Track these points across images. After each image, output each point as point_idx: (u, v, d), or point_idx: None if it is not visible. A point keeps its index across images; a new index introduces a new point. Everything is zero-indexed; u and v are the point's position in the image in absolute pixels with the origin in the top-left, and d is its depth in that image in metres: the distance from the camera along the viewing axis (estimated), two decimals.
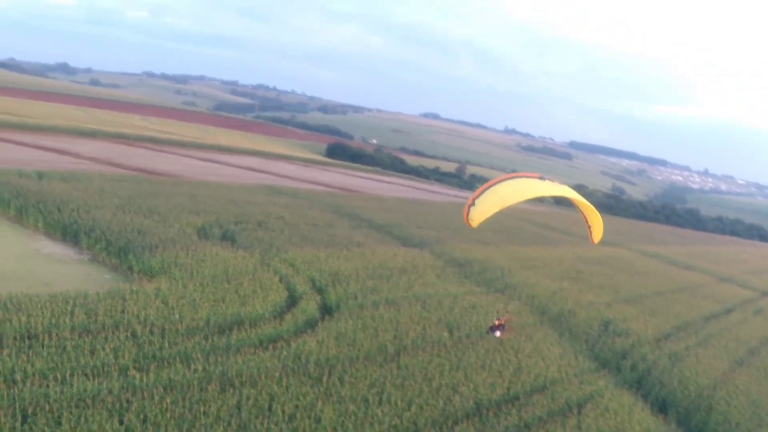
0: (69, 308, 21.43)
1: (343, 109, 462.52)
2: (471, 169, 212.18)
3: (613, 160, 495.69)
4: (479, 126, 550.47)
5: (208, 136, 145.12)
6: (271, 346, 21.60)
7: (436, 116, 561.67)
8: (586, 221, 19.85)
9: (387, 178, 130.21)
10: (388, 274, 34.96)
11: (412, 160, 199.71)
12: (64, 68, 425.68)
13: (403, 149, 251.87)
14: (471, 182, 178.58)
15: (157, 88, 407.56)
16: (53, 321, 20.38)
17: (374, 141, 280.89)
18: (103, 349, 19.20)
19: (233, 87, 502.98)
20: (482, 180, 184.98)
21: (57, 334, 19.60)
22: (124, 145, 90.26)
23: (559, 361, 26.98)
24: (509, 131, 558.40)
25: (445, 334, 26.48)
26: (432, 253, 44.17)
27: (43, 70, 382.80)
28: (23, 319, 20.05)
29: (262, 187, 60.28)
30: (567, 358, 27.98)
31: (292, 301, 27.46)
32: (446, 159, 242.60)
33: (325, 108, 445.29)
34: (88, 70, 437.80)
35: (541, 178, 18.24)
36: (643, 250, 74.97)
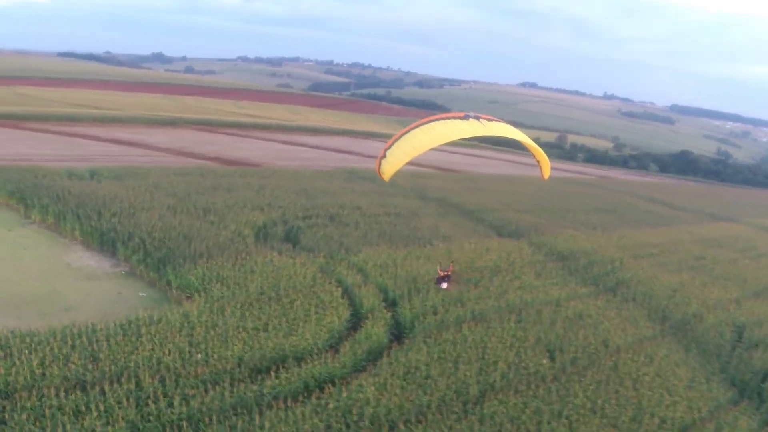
0: (66, 351, 17.59)
1: (439, 83, 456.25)
2: (572, 138, 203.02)
3: (717, 122, 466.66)
4: (578, 93, 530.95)
5: (298, 117, 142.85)
6: (315, 395, 17.04)
7: (533, 85, 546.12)
8: (535, 158, 19.27)
9: (482, 152, 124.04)
10: (478, 276, 29.81)
11: None
12: (159, 58, 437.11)
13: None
14: (572, 152, 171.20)
15: (252, 72, 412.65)
16: (41, 371, 16.55)
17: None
18: (93, 410, 15.14)
19: (328, 66, 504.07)
20: (584, 149, 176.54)
21: (39, 391, 15.71)
22: (206, 132, 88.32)
23: (688, 393, 21.11)
24: (608, 97, 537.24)
25: (545, 361, 21.16)
26: (530, 244, 38.64)
27: (138, 61, 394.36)
28: (2, 369, 16.28)
29: (342, 172, 55.98)
30: (698, 386, 22.04)
31: (356, 321, 22.88)
32: (546, 129, 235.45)
33: (422, 83, 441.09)
34: (183, 59, 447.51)
35: (465, 117, 17.14)
36: (761, 225, 66.19)
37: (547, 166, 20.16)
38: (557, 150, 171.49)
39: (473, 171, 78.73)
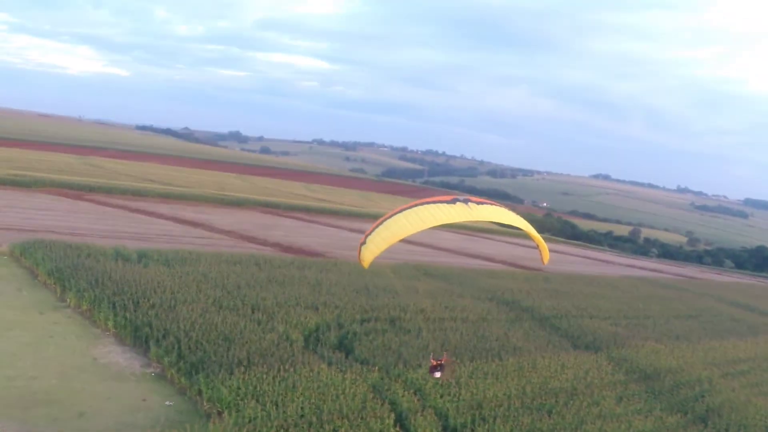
0: None
1: (512, 172, 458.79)
2: (645, 232, 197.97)
3: None
4: (650, 186, 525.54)
5: (370, 204, 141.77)
6: None
7: (606, 177, 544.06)
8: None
9: (557, 247, 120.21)
10: (552, 402, 26.30)
11: (583, 224, 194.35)
12: (236, 137, 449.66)
13: (574, 212, 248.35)
14: (646, 247, 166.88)
15: (326, 155, 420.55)
16: None
17: (545, 204, 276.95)
18: None
19: (402, 153, 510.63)
20: (657, 244, 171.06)
21: None
22: (272, 215, 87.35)
23: None
24: (682, 190, 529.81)
25: None
26: (610, 360, 34.87)
27: (215, 138, 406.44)
28: None
29: (408, 267, 53.16)
30: None
31: None
32: (618, 222, 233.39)
33: (495, 172, 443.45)
34: (260, 138, 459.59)
35: (452, 201, 16.83)
36: None
37: (545, 251, 19.85)
38: (631, 245, 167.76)
39: (548, 269, 74.99)
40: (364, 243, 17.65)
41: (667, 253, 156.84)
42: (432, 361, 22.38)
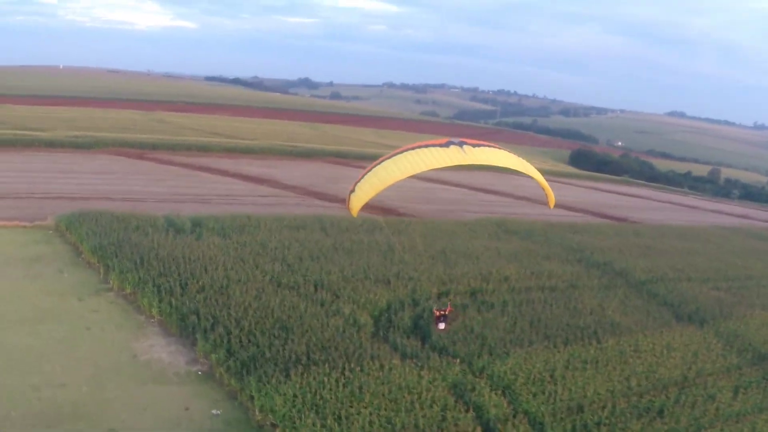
0: None
1: (585, 111, 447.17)
2: (724, 172, 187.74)
3: None
4: (726, 123, 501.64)
5: None
6: None
7: (681, 114, 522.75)
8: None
9: (639, 191, 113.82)
10: (662, 399, 22.32)
11: (660, 164, 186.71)
12: (306, 83, 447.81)
13: (650, 152, 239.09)
14: (727, 188, 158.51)
15: (397, 98, 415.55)
16: None
17: (619, 143, 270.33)
18: None
19: (474, 94, 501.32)
20: (738, 185, 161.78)
21: None
22: (341, 166, 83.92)
23: None
24: (759, 127, 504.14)
25: None
26: (718, 336, 30.25)
27: (285, 86, 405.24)
28: None
29: (487, 224, 49.12)
30: None
31: None
32: (696, 161, 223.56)
33: (568, 111, 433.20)
34: (330, 84, 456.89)
35: (446, 144, 16.10)
36: None
37: (550, 195, 19.47)
38: (711, 185, 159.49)
39: (635, 217, 69.80)
40: (353, 191, 17.07)
41: (750, 194, 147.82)
42: (435, 311, 21.39)
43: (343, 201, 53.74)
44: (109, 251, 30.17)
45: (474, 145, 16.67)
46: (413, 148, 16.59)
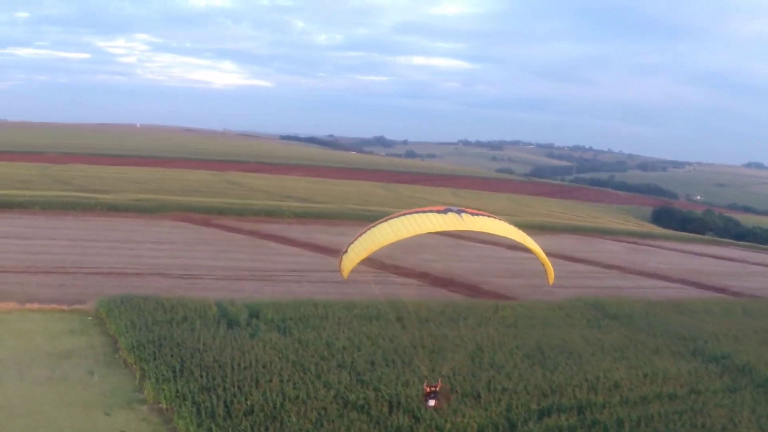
0: None
1: (662, 165, 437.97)
2: None
3: None
4: None
5: (520, 210, 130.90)
6: None
7: (759, 165, 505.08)
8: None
9: (728, 252, 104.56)
10: None
11: (744, 219, 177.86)
12: (381, 141, 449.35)
13: (732, 206, 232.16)
14: None
15: (472, 156, 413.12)
16: None
17: (699, 198, 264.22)
18: None
19: (549, 150, 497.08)
20: None
21: None
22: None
23: None
24: None
25: None
26: None
27: (360, 144, 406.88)
28: None
29: (582, 305, 43.31)
30: None
31: None
32: None
33: (644, 165, 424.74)
34: (405, 142, 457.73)
35: (445, 211, 16.43)
36: None
37: (550, 270, 19.05)
38: None
39: (735, 287, 62.43)
40: (345, 252, 17.12)
41: None
42: (426, 387, 20.64)
43: (422, 277, 49.33)
44: (147, 351, 25.78)
45: (472, 215, 16.72)
46: (410, 213, 16.69)
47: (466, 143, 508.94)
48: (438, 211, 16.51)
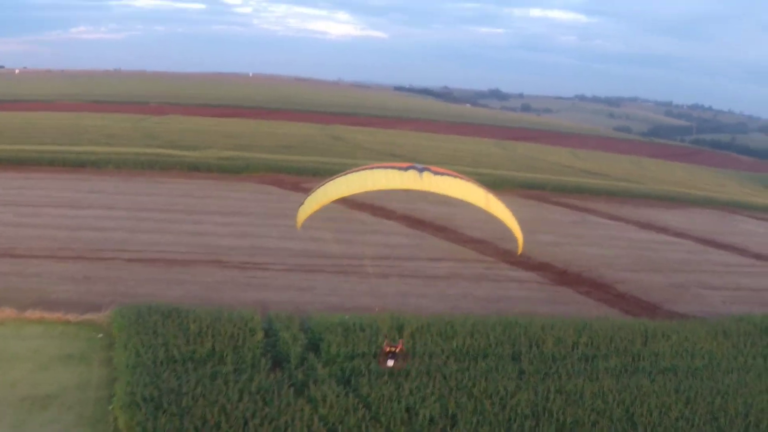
0: None
1: None
2: None
3: None
4: None
5: (643, 173, 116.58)
6: None
7: None
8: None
9: None
10: None
11: None
12: (496, 94, 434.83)
13: None
14: None
15: (589, 112, 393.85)
16: None
17: None
18: None
19: (667, 108, 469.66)
20: None
21: None
22: (537, 202, 68.32)
23: None
24: None
25: None
26: None
27: (475, 97, 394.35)
28: None
29: (753, 329, 31.47)
30: None
31: None
32: None
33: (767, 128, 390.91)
34: (520, 96, 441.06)
35: (406, 168, 14.91)
36: None
37: (520, 240, 17.46)
38: None
39: None
40: (302, 204, 16.68)
41: None
42: (386, 347, 18.80)
43: (543, 270, 39.48)
44: (147, 410, 17.24)
45: (436, 173, 14.98)
46: (370, 168, 15.31)
47: (582, 98, 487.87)
48: (399, 168, 15.13)
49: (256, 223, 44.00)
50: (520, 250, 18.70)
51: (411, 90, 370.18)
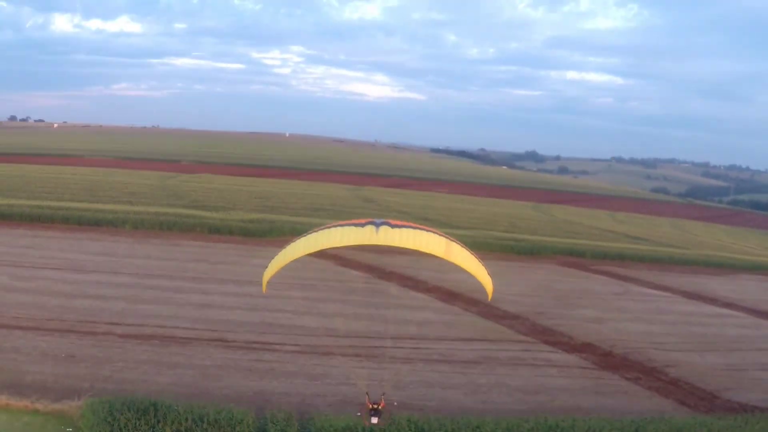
0: None
1: None
2: None
3: None
4: None
5: (686, 237, 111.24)
6: None
7: None
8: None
9: None
10: None
11: None
12: (533, 156, 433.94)
13: None
14: None
15: (626, 173, 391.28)
16: None
17: None
18: None
19: (704, 169, 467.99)
20: None
21: None
22: (576, 270, 64.00)
23: None
24: None
25: None
26: None
27: (512, 159, 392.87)
28: None
29: None
30: None
31: None
32: None
33: None
34: (557, 158, 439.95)
35: (362, 225, 15.04)
36: None
37: (488, 288, 16.95)
38: None
39: None
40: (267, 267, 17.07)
41: None
42: (368, 404, 18.19)
43: (585, 352, 35.32)
44: None
45: (395, 226, 14.92)
46: (329, 227, 15.54)
47: (619, 160, 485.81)
48: (356, 224, 15.05)
49: (271, 294, 40.14)
50: (489, 298, 18.02)
51: (448, 152, 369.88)
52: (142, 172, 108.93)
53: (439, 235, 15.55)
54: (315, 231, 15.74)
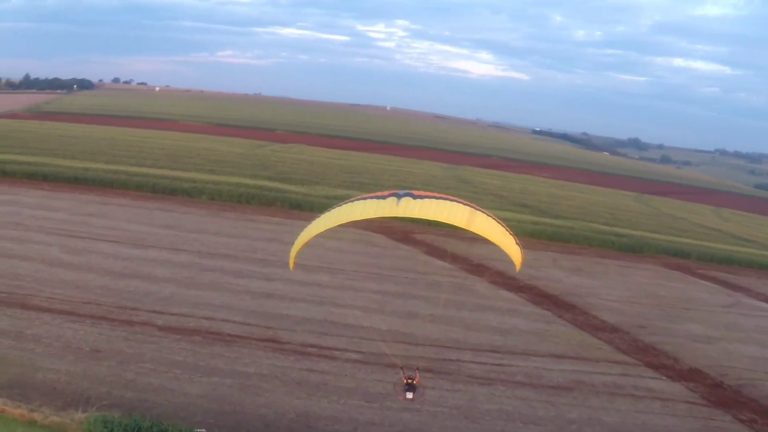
0: None
1: None
2: None
3: None
4: None
5: None
6: None
7: None
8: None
9: None
10: None
11: None
12: (635, 143, 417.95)
13: None
14: None
15: (729, 167, 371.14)
16: None
17: None
18: None
19: None
20: None
21: None
22: (681, 273, 57.19)
23: None
24: None
25: None
26: None
27: (614, 145, 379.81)
28: None
29: None
30: None
31: None
32: None
33: None
34: (660, 147, 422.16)
35: (388, 196, 14.61)
36: None
37: (515, 258, 15.89)
38: None
39: None
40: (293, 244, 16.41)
41: None
42: (403, 379, 18.31)
43: (692, 377, 29.46)
44: None
45: (417, 197, 14.47)
46: (351, 201, 15.36)
47: (723, 153, 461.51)
48: (378, 197, 14.66)
49: (342, 285, 36.06)
50: (518, 269, 17.36)
51: (550, 134, 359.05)
52: (234, 139, 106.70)
53: (464, 204, 14.92)
54: (339, 205, 15.34)
